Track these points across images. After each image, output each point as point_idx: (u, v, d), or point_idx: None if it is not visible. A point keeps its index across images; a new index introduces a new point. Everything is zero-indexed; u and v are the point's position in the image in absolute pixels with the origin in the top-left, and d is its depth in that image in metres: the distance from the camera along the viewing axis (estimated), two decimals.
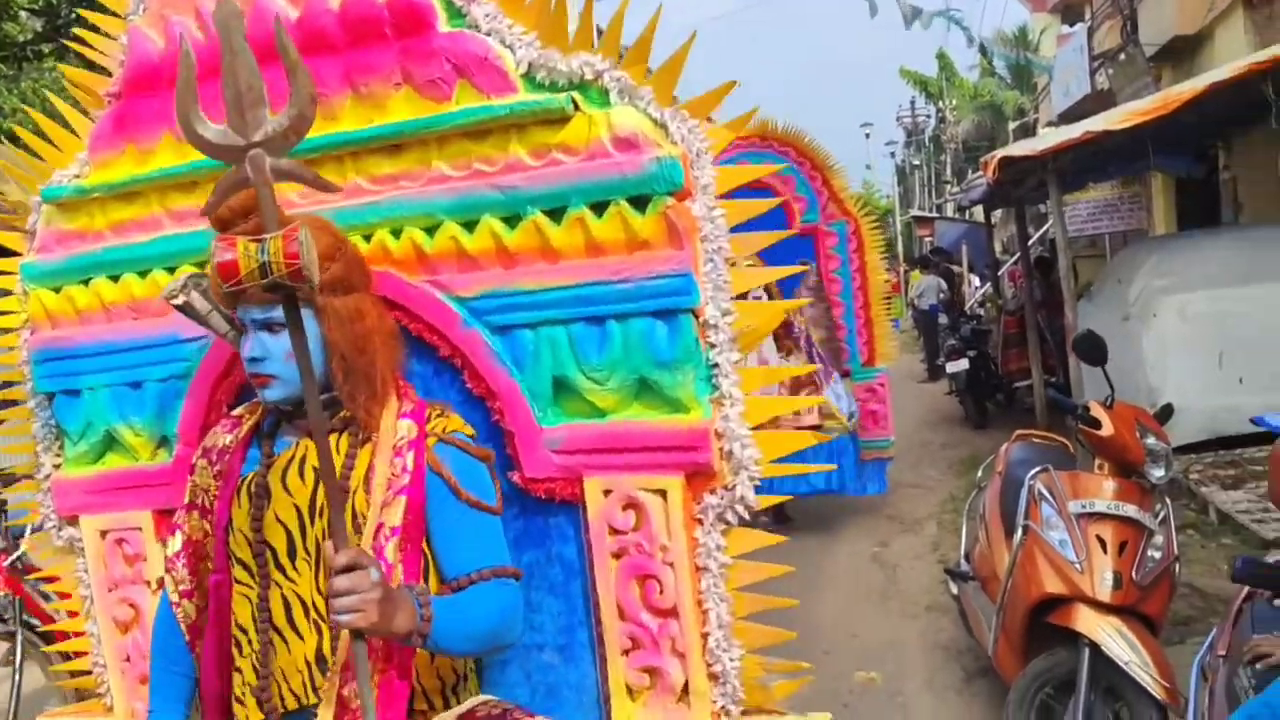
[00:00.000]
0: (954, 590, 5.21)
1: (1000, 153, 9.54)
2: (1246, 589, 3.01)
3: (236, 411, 2.29)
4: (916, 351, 20.57)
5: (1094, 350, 4.27)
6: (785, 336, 7.71)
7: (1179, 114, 7.97)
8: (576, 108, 2.17)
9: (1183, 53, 13.32)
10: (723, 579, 2.21)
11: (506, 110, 2.19)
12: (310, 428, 1.88)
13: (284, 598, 2.05)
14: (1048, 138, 10.57)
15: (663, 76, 2.20)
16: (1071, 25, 21.48)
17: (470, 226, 2.28)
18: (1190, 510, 7.30)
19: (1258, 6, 11.19)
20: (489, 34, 2.24)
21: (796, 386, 7.50)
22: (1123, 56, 14.59)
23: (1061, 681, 3.89)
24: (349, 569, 1.77)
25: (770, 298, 7.26)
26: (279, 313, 1.95)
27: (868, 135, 56.71)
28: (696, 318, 2.15)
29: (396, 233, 2.33)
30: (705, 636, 2.21)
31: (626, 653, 2.27)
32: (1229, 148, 12.77)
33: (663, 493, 2.20)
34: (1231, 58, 10.53)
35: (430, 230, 2.31)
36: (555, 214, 2.21)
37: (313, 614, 2.03)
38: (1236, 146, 12.48)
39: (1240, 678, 2.76)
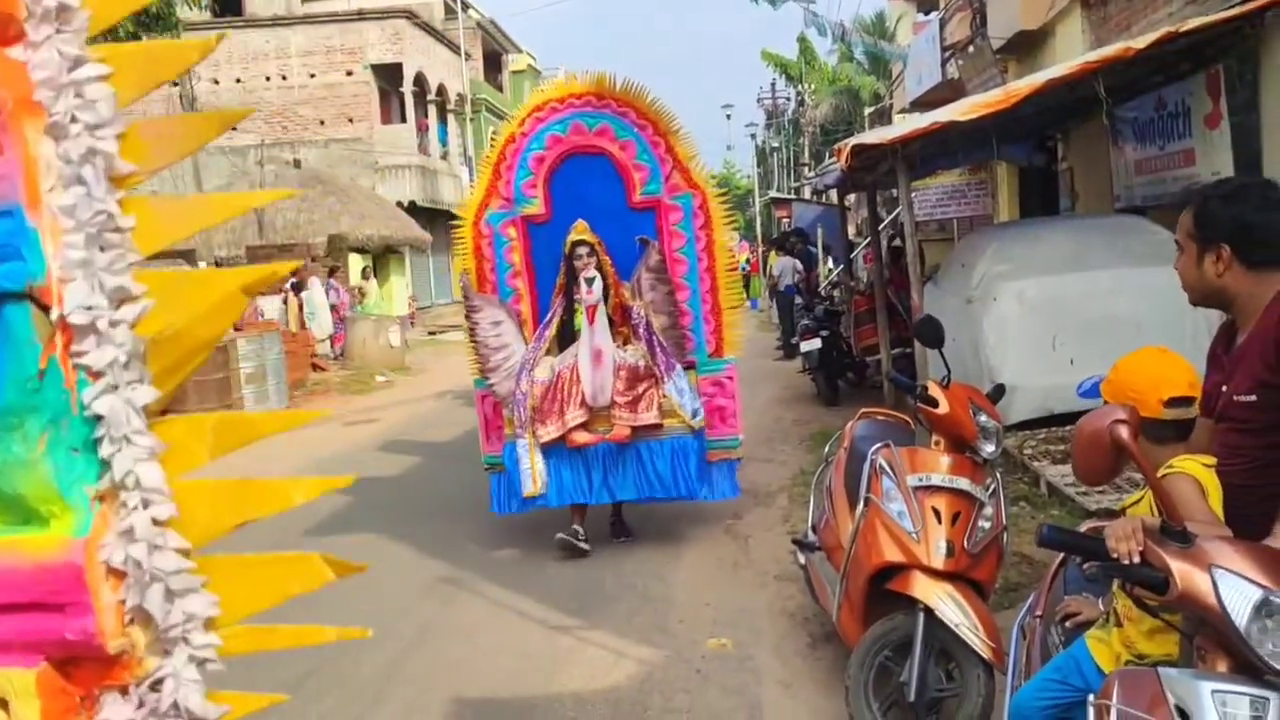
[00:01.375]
0: (801, 560, 5.43)
1: (852, 141, 9.80)
2: (1061, 555, 3.27)
3: None
4: (774, 330, 21.01)
5: (932, 334, 4.53)
6: (623, 323, 7.00)
7: (1021, 107, 8.36)
8: None
9: (1027, 47, 13.91)
10: None
11: None
12: None
13: None
14: (899, 126, 10.93)
15: None
16: (927, 13, 22.14)
17: None
18: (1023, 483, 7.68)
19: (1093, 6, 11.76)
20: None
21: (635, 380, 6.84)
22: (972, 48, 15.17)
23: (899, 644, 4.12)
24: None
25: (606, 283, 6.85)
26: None
27: (729, 116, 57.84)
28: (44, 309, 1.05)
29: None
30: None
31: None
32: (1067, 139, 13.41)
33: (2, 703, 1.07)
34: (1070, 53, 11.12)
35: None
36: None
37: None
38: (1074, 138, 13.12)
39: (1052, 635, 3.01)
